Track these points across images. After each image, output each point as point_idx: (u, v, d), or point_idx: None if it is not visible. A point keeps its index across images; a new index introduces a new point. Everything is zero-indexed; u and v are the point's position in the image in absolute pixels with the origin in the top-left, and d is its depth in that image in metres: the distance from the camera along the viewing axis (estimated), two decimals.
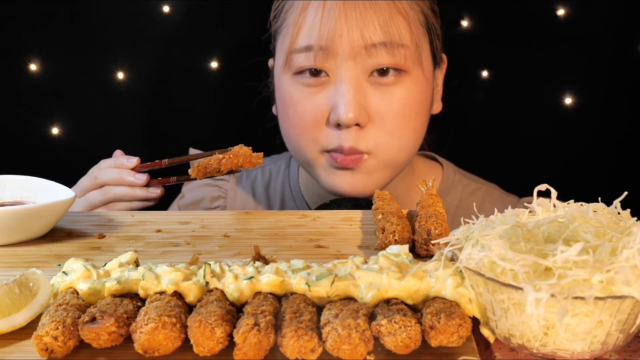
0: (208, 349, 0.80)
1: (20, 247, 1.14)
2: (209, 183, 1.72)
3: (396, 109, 1.47)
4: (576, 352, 0.81)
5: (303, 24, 1.46)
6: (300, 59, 1.47)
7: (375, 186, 1.50)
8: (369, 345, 0.80)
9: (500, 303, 0.82)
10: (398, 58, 1.45)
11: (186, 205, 1.71)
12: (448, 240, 0.91)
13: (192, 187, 1.73)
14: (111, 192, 1.37)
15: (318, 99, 1.47)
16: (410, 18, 1.46)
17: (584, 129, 1.98)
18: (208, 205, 1.70)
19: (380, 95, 1.46)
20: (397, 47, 1.44)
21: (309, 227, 1.23)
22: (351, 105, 1.43)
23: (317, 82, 1.47)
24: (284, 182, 1.72)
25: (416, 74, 1.49)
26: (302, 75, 1.48)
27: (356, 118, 1.43)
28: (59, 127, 1.99)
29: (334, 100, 1.45)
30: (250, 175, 1.75)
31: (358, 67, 1.45)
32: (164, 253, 1.12)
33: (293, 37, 1.47)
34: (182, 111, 2.03)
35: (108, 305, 0.85)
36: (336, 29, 1.43)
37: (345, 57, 1.44)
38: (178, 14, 1.96)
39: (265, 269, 0.92)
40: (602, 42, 1.94)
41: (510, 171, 1.95)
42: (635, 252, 0.79)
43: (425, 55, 1.51)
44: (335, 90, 1.45)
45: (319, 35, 1.44)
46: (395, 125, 1.47)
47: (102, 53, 1.96)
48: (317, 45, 1.44)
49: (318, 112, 1.47)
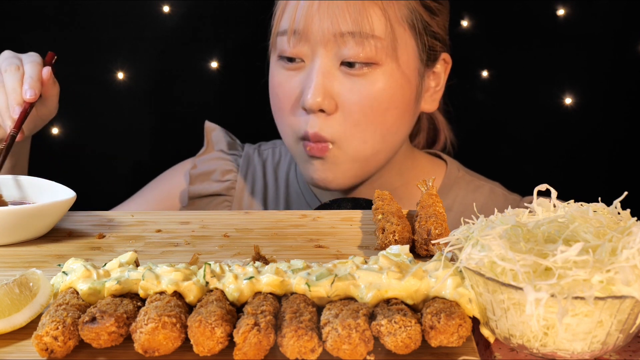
0: (208, 349, 0.80)
1: (20, 247, 1.14)
2: (221, 157, 1.75)
3: (363, 100, 1.48)
4: (576, 352, 0.81)
5: (287, 7, 1.51)
6: (281, 43, 1.51)
7: (344, 178, 1.53)
8: (369, 345, 0.80)
9: (500, 303, 0.82)
10: (368, 49, 1.46)
11: (197, 175, 1.72)
12: (448, 240, 0.91)
13: (204, 159, 1.74)
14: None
15: (293, 83, 1.52)
16: (387, 10, 1.47)
17: (583, 129, 1.97)
18: (219, 177, 1.72)
19: (350, 85, 1.48)
20: (367, 37, 1.46)
21: (309, 227, 1.23)
22: (317, 90, 1.46)
23: (294, 67, 1.51)
24: (290, 160, 1.75)
25: (390, 68, 1.49)
26: (282, 58, 1.53)
27: (320, 103, 1.46)
28: (59, 127, 1.99)
29: (304, 84, 1.49)
30: (262, 154, 1.77)
31: (329, 54, 1.48)
32: (164, 253, 1.12)
33: (277, 20, 1.53)
34: (182, 111, 2.03)
35: (108, 305, 0.85)
36: (308, 14, 1.47)
37: (317, 43, 1.47)
38: (178, 14, 1.96)
39: (265, 269, 0.92)
40: (602, 42, 1.94)
41: (510, 171, 1.95)
42: (635, 252, 0.79)
43: (404, 51, 1.50)
44: (307, 75, 1.49)
45: (293, 19, 1.48)
46: (360, 117, 1.49)
47: (102, 53, 1.96)
48: (291, 29, 1.48)
49: (292, 95, 1.52)
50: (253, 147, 1.79)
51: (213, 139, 1.77)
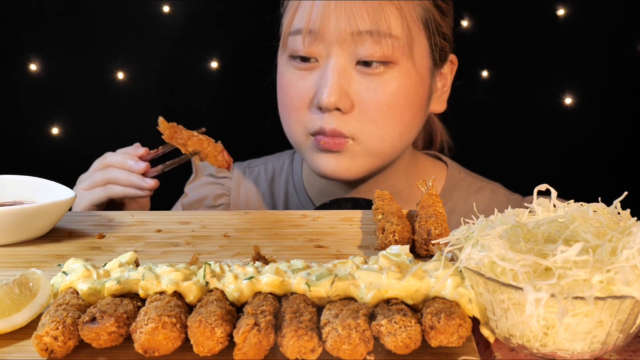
0: (208, 349, 0.80)
1: (20, 247, 1.14)
2: (212, 182, 1.73)
3: (380, 98, 1.48)
4: (576, 352, 0.81)
5: (299, 7, 1.50)
6: (294, 43, 1.51)
7: (358, 171, 1.53)
8: (369, 345, 0.80)
9: (500, 303, 0.82)
10: (385, 48, 1.46)
11: (190, 203, 1.72)
12: (448, 240, 0.91)
13: (194, 186, 1.74)
14: (111, 173, 1.40)
15: (306, 82, 1.51)
16: (404, 9, 1.47)
17: (583, 128, 1.98)
18: (212, 203, 1.71)
19: (366, 84, 1.48)
20: (385, 36, 1.46)
21: (309, 227, 1.23)
22: (333, 89, 1.46)
23: (307, 66, 1.51)
24: (287, 178, 1.73)
25: (406, 67, 1.49)
26: (294, 58, 1.52)
27: (336, 102, 1.46)
28: (59, 127, 1.99)
29: (319, 83, 1.49)
30: (253, 172, 1.76)
31: (345, 53, 1.47)
32: (164, 253, 1.12)
33: (289, 20, 1.52)
34: (182, 111, 2.03)
35: (108, 305, 0.85)
36: (324, 14, 1.46)
37: (333, 43, 1.47)
38: (178, 14, 1.96)
39: (265, 269, 0.92)
40: (602, 42, 1.94)
41: (510, 171, 1.95)
42: (635, 252, 0.79)
43: (419, 50, 1.51)
44: (321, 75, 1.49)
45: (309, 19, 1.47)
46: (378, 115, 1.49)
47: (102, 53, 1.96)
48: (306, 29, 1.47)
49: (305, 94, 1.51)
50: (243, 165, 1.78)
51: (200, 165, 1.76)
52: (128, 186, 1.38)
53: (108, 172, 1.40)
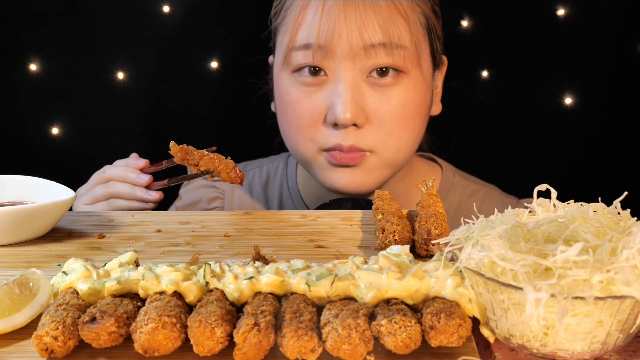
0: (208, 349, 0.80)
1: (20, 247, 1.14)
2: (206, 185, 1.72)
3: (394, 109, 1.47)
4: (576, 352, 0.81)
5: (302, 22, 1.47)
6: (298, 57, 1.47)
7: (374, 183, 1.51)
8: (369, 345, 0.80)
9: (500, 303, 0.82)
10: (397, 59, 1.45)
11: (184, 206, 1.70)
12: (448, 240, 0.91)
13: (189, 189, 1.72)
14: (113, 187, 1.37)
15: (316, 99, 1.48)
16: (410, 19, 1.46)
17: (583, 129, 1.98)
18: (205, 206, 1.70)
19: (379, 96, 1.46)
20: (397, 48, 1.44)
21: (309, 227, 1.23)
22: (348, 105, 1.43)
23: (315, 81, 1.48)
24: (282, 182, 1.72)
25: (415, 75, 1.49)
26: (300, 73, 1.49)
27: (353, 118, 1.44)
28: (59, 127, 1.99)
29: (331, 100, 1.46)
30: (247, 176, 1.75)
31: (356, 67, 1.45)
32: (164, 253, 1.12)
33: (292, 35, 1.48)
34: (182, 111, 2.03)
35: (108, 305, 0.85)
36: (335, 29, 1.43)
37: (344, 57, 1.44)
38: (178, 14, 1.96)
39: (265, 269, 0.92)
40: (602, 42, 1.94)
41: (510, 171, 1.95)
42: (635, 252, 0.79)
43: (424, 57, 1.51)
44: (333, 90, 1.46)
45: (318, 34, 1.44)
46: (393, 126, 1.48)
47: (102, 53, 1.96)
48: (316, 44, 1.44)
49: (315, 111, 1.48)
50: None
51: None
52: (132, 200, 1.36)
53: (110, 186, 1.37)
